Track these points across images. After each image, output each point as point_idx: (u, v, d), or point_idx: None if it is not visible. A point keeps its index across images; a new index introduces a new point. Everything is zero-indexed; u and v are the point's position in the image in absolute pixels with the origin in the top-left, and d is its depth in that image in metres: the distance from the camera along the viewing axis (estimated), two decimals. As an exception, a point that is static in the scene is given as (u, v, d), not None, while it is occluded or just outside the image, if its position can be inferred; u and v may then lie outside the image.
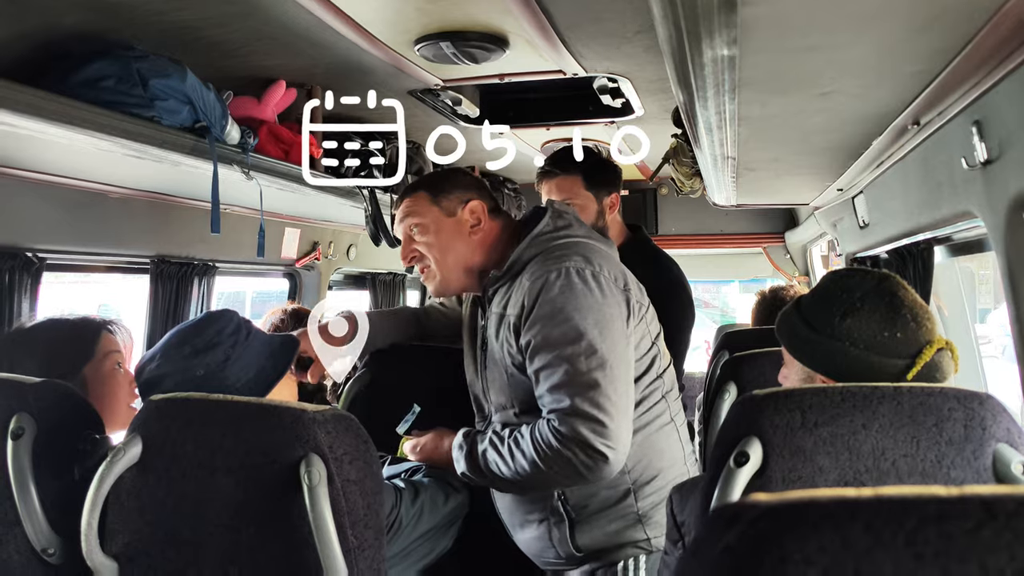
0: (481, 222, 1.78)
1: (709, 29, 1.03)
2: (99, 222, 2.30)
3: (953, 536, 0.43)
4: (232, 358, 1.50)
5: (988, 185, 1.49)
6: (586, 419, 1.53)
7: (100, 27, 1.82)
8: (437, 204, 1.78)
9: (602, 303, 1.61)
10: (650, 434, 1.75)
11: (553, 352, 1.58)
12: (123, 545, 1.32)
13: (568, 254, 1.66)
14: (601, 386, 1.54)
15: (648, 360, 1.76)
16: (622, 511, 1.73)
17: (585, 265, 1.63)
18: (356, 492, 1.26)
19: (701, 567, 0.49)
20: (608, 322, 1.60)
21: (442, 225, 1.77)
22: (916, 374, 1.24)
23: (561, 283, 1.60)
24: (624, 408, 1.57)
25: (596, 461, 1.53)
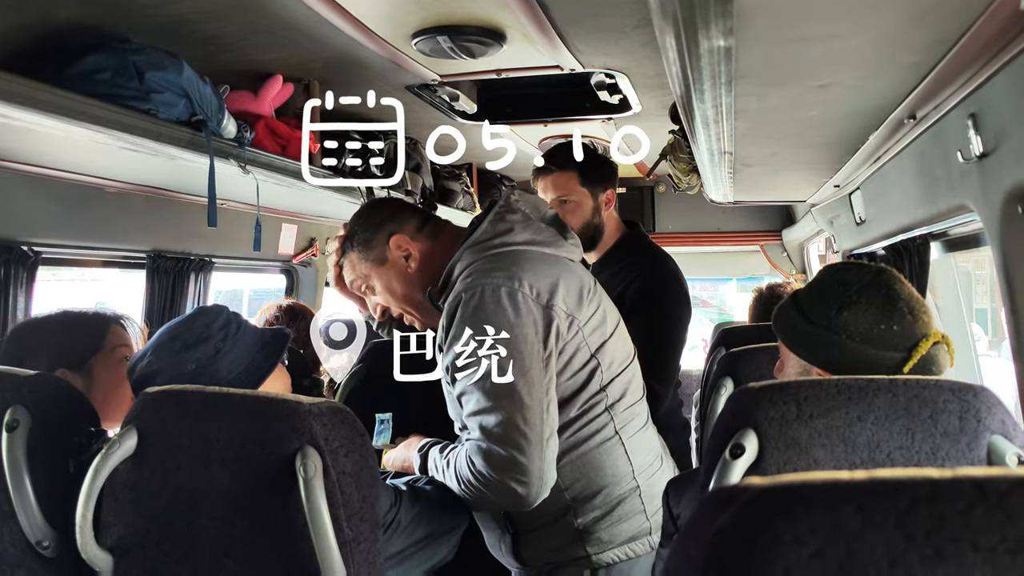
0: (411, 252, 1.72)
1: (705, 19, 1.03)
2: (95, 216, 2.30)
3: (945, 516, 0.43)
4: (223, 351, 1.50)
5: (984, 178, 1.49)
6: (495, 456, 1.51)
7: (96, 20, 1.82)
8: (367, 259, 1.74)
9: (514, 323, 1.54)
10: (587, 451, 1.67)
11: (463, 380, 1.55)
12: (118, 538, 1.32)
13: (492, 269, 1.59)
14: (511, 418, 1.51)
15: (586, 374, 1.67)
16: (563, 527, 1.69)
17: (504, 282, 1.55)
18: (352, 485, 1.26)
19: (694, 548, 0.49)
20: (519, 344, 1.53)
21: (382, 276, 1.74)
22: (913, 367, 1.24)
23: (474, 303, 1.55)
24: (537, 436, 1.52)
25: (508, 495, 1.52)
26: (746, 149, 2.12)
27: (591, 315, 1.67)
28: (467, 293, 1.56)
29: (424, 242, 1.74)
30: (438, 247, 1.74)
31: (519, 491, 1.51)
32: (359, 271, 1.76)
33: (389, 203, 1.88)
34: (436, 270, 1.71)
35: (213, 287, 2.96)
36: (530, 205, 1.75)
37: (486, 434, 1.52)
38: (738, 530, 0.47)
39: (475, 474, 1.54)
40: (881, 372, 1.22)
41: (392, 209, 1.81)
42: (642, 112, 2.88)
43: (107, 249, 2.48)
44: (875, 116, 1.71)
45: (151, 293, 2.63)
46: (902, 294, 1.27)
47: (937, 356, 1.25)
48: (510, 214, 1.71)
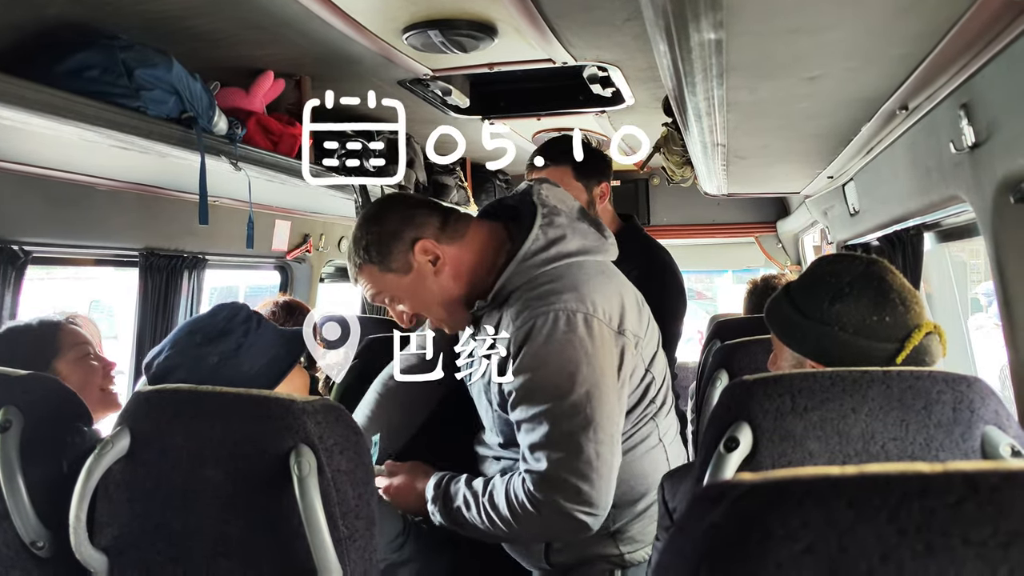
0: (438, 256, 1.59)
1: (695, 12, 1.03)
2: (86, 214, 2.29)
3: (936, 511, 0.43)
4: (245, 345, 1.49)
5: (976, 168, 1.49)
6: (563, 487, 1.46)
7: (85, 17, 1.80)
8: (389, 271, 1.60)
9: (592, 354, 1.47)
10: (633, 460, 1.65)
11: (534, 408, 1.48)
12: (112, 538, 1.31)
13: (559, 289, 1.50)
14: (583, 450, 1.45)
15: (642, 390, 1.64)
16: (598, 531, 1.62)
17: (578, 306, 1.48)
18: (347, 482, 1.26)
19: (686, 544, 0.49)
20: (598, 377, 1.47)
21: (407, 286, 1.60)
22: (905, 358, 1.24)
23: (547, 331, 1.46)
24: (608, 469, 1.48)
25: (573, 526, 1.48)
26: (739, 141, 2.12)
27: (647, 330, 1.63)
28: (540, 319, 1.47)
29: (451, 244, 1.61)
30: (468, 247, 1.62)
31: (586, 521, 1.47)
32: (382, 284, 1.62)
33: (400, 203, 1.68)
34: (472, 274, 1.61)
35: (207, 284, 2.95)
36: (557, 198, 1.65)
37: (555, 466, 1.46)
38: (730, 526, 0.47)
39: (536, 504, 1.47)
40: (874, 363, 1.23)
41: (407, 211, 1.64)
42: (635, 105, 2.88)
43: (99, 247, 2.47)
44: (867, 107, 1.71)
45: (144, 291, 2.62)
46: (894, 285, 1.28)
47: (930, 346, 1.25)
48: (555, 216, 1.60)
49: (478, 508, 1.56)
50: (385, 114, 3.00)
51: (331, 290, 4.86)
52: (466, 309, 1.63)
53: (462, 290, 1.62)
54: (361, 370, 2.34)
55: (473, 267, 1.62)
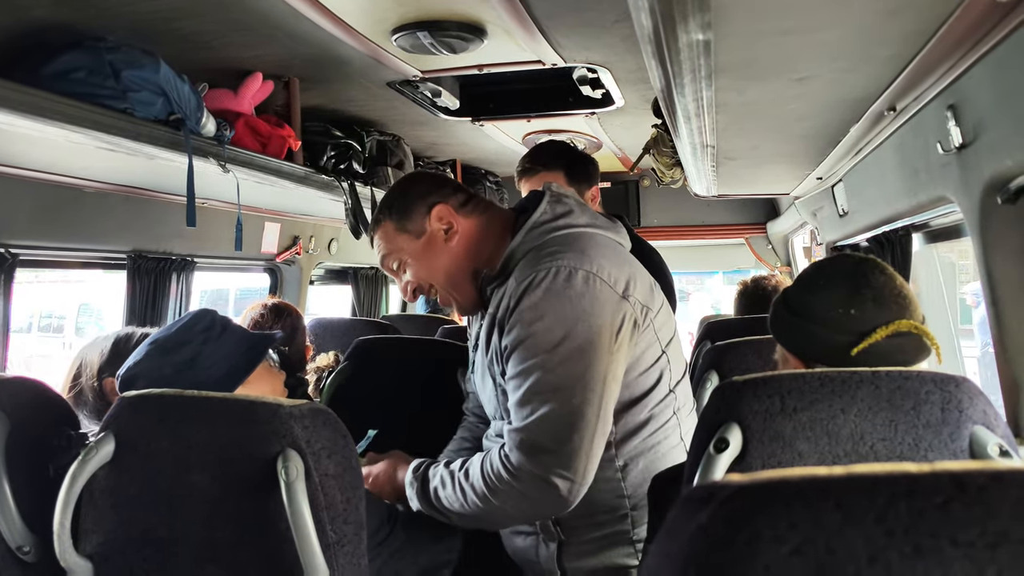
0: (452, 224, 1.61)
1: (683, 12, 1.03)
2: (74, 216, 2.27)
3: (923, 511, 0.43)
4: (202, 355, 1.49)
5: (963, 169, 1.49)
6: (541, 446, 1.40)
7: (71, 18, 1.79)
8: (404, 231, 1.62)
9: (589, 312, 1.43)
10: (656, 458, 1.58)
11: (524, 362, 1.44)
12: (97, 544, 1.30)
13: (563, 250, 1.48)
14: (568, 406, 1.40)
15: (656, 372, 1.57)
16: (617, 537, 1.58)
17: (579, 264, 1.45)
18: (335, 487, 1.25)
19: (674, 547, 0.49)
20: (593, 335, 1.42)
21: (417, 250, 1.62)
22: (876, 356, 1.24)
23: (547, 284, 1.44)
24: (590, 433, 1.42)
25: (549, 494, 1.41)
26: (728, 142, 2.12)
27: (659, 309, 1.59)
28: (540, 273, 1.45)
29: (468, 218, 1.63)
30: (483, 225, 1.64)
31: (561, 489, 1.40)
32: (394, 244, 1.63)
33: (430, 176, 1.75)
34: (483, 250, 1.62)
35: (197, 287, 2.94)
36: (565, 192, 1.67)
37: (536, 424, 1.41)
38: (717, 528, 0.47)
39: (512, 471, 1.42)
40: (833, 355, 1.24)
41: (434, 182, 1.69)
42: (625, 106, 2.88)
43: (87, 250, 2.45)
44: (855, 108, 1.72)
45: (132, 294, 2.60)
46: (872, 282, 1.27)
47: (904, 346, 1.24)
48: (564, 198, 1.62)
49: (454, 486, 1.51)
50: (375, 116, 3.01)
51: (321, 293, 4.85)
52: (472, 284, 1.63)
53: (470, 264, 1.62)
54: (351, 372, 2.33)
55: (483, 243, 1.62)
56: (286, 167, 2.45)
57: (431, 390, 2.19)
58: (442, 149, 3.84)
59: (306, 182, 2.59)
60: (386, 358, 2.36)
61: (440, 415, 2.10)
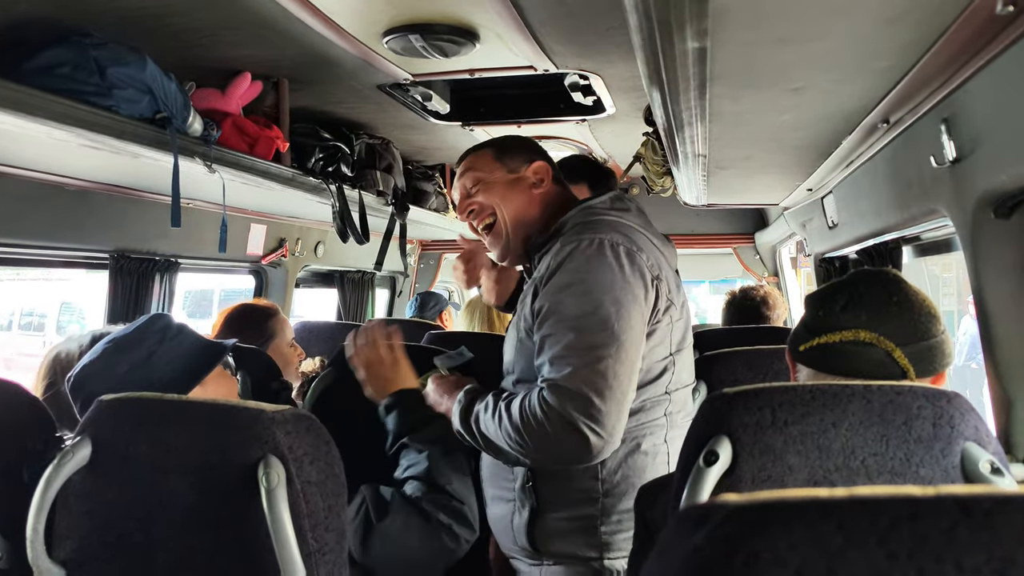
0: (544, 181, 1.78)
1: (680, 20, 1.01)
2: (55, 215, 2.24)
3: (928, 536, 0.42)
4: (157, 354, 1.50)
5: (956, 183, 1.49)
6: (576, 397, 1.45)
7: (56, 12, 1.76)
8: (500, 161, 1.79)
9: (626, 281, 1.53)
10: (636, 452, 1.63)
11: (563, 321, 1.51)
12: (71, 550, 1.27)
13: (610, 229, 1.60)
14: (603, 364, 1.46)
15: (659, 369, 1.65)
16: (585, 522, 1.64)
17: (623, 241, 1.57)
18: (316, 494, 1.22)
19: (669, 568, 0.48)
20: (628, 302, 1.52)
21: (503, 180, 1.77)
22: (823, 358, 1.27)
23: (590, 252, 1.54)
24: (622, 394, 1.48)
25: (579, 443, 1.45)
26: (720, 152, 2.12)
27: (681, 316, 1.69)
28: (584, 241, 1.56)
29: (556, 185, 1.82)
30: (559, 195, 1.81)
31: (590, 438, 1.44)
32: (485, 167, 1.79)
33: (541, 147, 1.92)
34: (548, 209, 1.77)
35: (181, 288, 2.90)
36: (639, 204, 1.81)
37: (572, 374, 1.46)
38: (714, 549, 0.45)
39: (546, 412, 1.46)
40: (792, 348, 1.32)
41: (539, 147, 1.89)
42: (616, 114, 2.87)
43: (68, 249, 2.42)
44: (849, 120, 1.71)
45: (114, 294, 2.57)
46: (856, 289, 1.29)
47: (862, 354, 1.24)
48: (628, 202, 1.76)
49: (494, 412, 1.56)
50: (364, 119, 2.98)
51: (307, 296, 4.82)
52: (525, 245, 1.77)
53: (538, 217, 1.77)
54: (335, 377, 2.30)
55: (556, 209, 1.76)
56: (273, 168, 2.42)
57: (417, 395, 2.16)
58: (432, 153, 3.82)
59: (293, 184, 2.56)
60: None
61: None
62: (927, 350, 1.25)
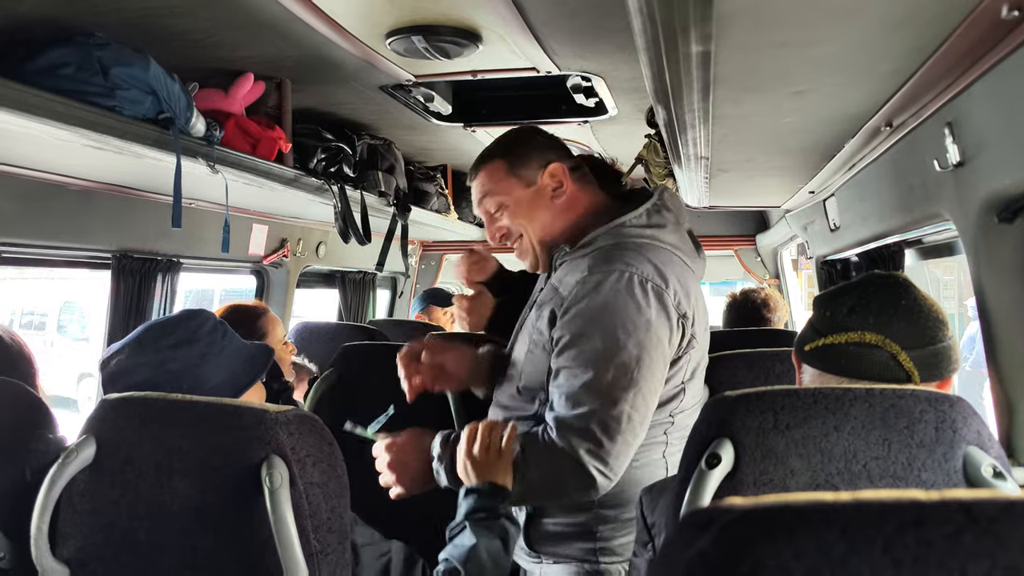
0: (563, 184, 1.65)
1: (684, 24, 1.01)
2: (58, 214, 2.24)
3: (932, 542, 0.42)
4: (209, 355, 1.47)
5: (960, 187, 1.49)
6: (587, 436, 1.44)
7: (59, 13, 1.76)
8: (515, 175, 1.66)
9: (652, 321, 1.48)
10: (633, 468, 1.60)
11: (583, 356, 1.48)
12: (75, 550, 1.27)
13: (640, 257, 1.53)
14: (619, 409, 1.45)
15: (669, 396, 1.61)
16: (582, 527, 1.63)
17: (650, 275, 1.50)
18: (319, 495, 1.23)
19: (673, 572, 0.47)
20: (653, 345, 1.48)
21: (523, 199, 1.65)
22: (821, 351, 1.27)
23: (618, 287, 1.48)
24: (632, 436, 1.48)
25: (583, 481, 1.45)
26: (722, 154, 2.12)
27: (703, 347, 1.65)
28: (614, 274, 1.49)
29: (576, 184, 1.68)
30: (585, 196, 1.69)
31: (596, 479, 1.44)
32: (500, 185, 1.66)
33: (548, 134, 1.77)
34: (579, 217, 1.66)
35: (182, 288, 2.90)
36: (678, 208, 1.71)
37: (586, 415, 1.44)
38: (719, 554, 0.45)
39: (555, 450, 1.45)
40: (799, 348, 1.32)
41: (552, 139, 1.74)
42: (618, 116, 2.87)
43: (70, 249, 2.42)
44: (851, 123, 1.71)
45: (116, 293, 2.57)
46: (864, 292, 1.28)
47: (863, 356, 1.24)
48: (665, 212, 1.65)
49: None
50: (366, 120, 2.99)
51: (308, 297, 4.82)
52: (552, 250, 1.68)
53: (564, 226, 1.66)
54: (337, 378, 2.31)
55: (582, 212, 1.67)
56: (276, 169, 2.42)
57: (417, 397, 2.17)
58: (433, 154, 3.82)
59: (296, 185, 2.57)
60: (372, 364, 2.34)
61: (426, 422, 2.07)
62: (933, 355, 1.25)
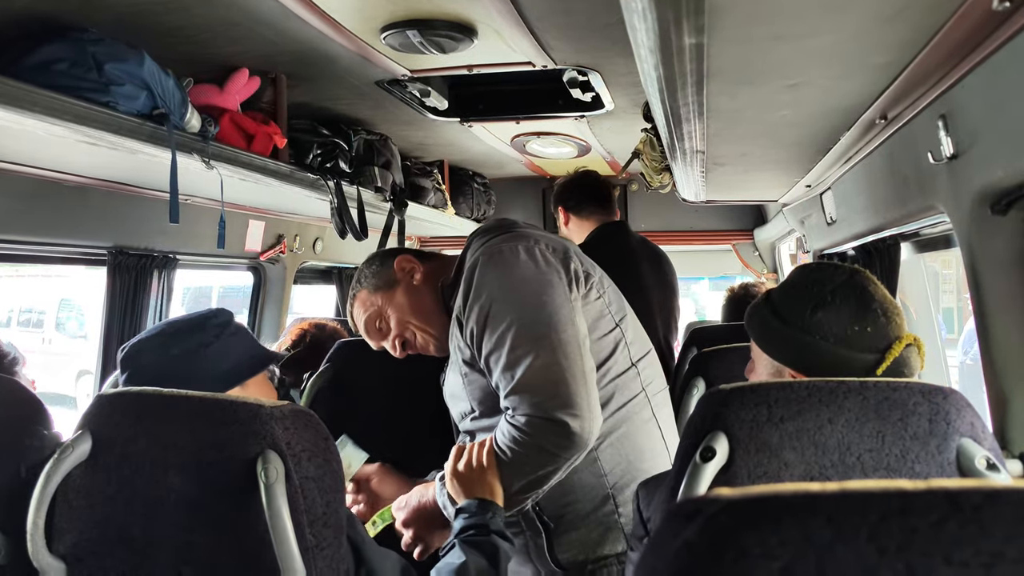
0: (415, 267, 1.82)
1: (677, 15, 1.01)
2: (53, 211, 2.24)
3: (917, 530, 0.42)
4: (211, 346, 1.49)
5: (953, 179, 1.49)
6: (539, 390, 1.46)
7: (53, 9, 1.76)
8: (377, 289, 1.82)
9: (536, 271, 1.57)
10: (628, 433, 1.64)
11: (495, 333, 1.53)
12: (71, 545, 1.27)
13: (505, 239, 1.64)
14: (550, 351, 1.48)
15: (611, 342, 1.66)
16: (602, 519, 1.62)
17: (521, 242, 1.61)
18: (315, 489, 1.23)
19: (660, 562, 0.48)
20: (546, 289, 1.55)
21: (392, 299, 1.80)
22: (885, 369, 1.24)
23: (493, 261, 1.59)
24: (579, 370, 1.49)
25: (559, 434, 1.45)
26: (718, 148, 2.11)
27: (606, 286, 1.71)
28: (484, 256, 1.60)
29: (427, 262, 1.86)
30: (442, 264, 1.86)
31: (572, 425, 1.44)
32: (371, 303, 1.82)
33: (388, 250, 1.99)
34: (439, 278, 1.80)
35: (179, 284, 2.91)
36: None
37: (527, 379, 1.48)
38: (705, 543, 0.46)
39: (520, 426, 1.46)
40: (854, 374, 1.22)
41: (394, 248, 1.99)
42: (615, 110, 2.87)
43: (65, 245, 2.42)
44: (846, 116, 1.71)
45: (113, 290, 2.57)
46: (876, 295, 1.27)
47: (909, 359, 1.25)
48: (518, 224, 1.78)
49: None
50: (362, 115, 2.98)
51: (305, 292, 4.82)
52: (444, 313, 1.77)
53: (437, 294, 1.80)
54: (332, 374, 2.31)
55: (443, 274, 1.81)
56: (271, 164, 2.42)
57: (412, 395, 2.17)
58: (430, 149, 3.82)
59: (291, 180, 2.56)
60: (368, 361, 2.34)
61: (421, 420, 2.08)
62: None
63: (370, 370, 2.24)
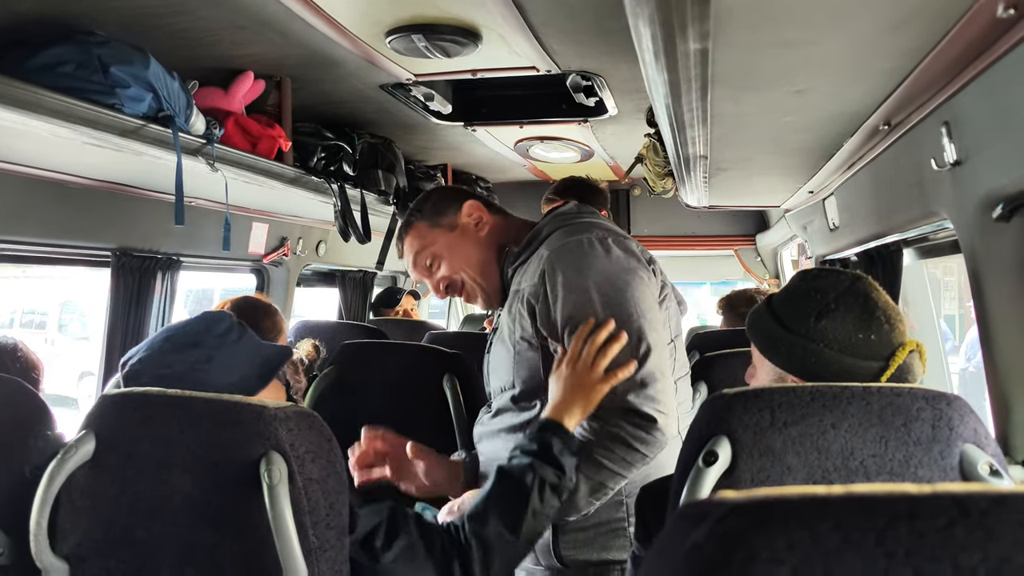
0: (482, 217, 1.73)
1: (682, 21, 1.02)
2: (58, 212, 2.24)
3: (925, 534, 0.42)
4: (215, 359, 1.44)
5: (957, 186, 1.49)
6: (628, 384, 1.44)
7: (60, 11, 1.77)
8: (437, 226, 1.72)
9: (628, 268, 1.53)
10: None
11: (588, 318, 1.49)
12: (75, 545, 1.27)
13: (590, 227, 1.60)
14: (641, 343, 1.46)
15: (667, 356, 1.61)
16: (612, 524, 1.60)
17: (607, 234, 1.56)
18: (318, 491, 1.23)
19: (667, 565, 0.48)
20: (638, 285, 1.52)
21: (452, 242, 1.72)
22: (889, 376, 1.24)
23: (584, 250, 1.53)
24: (665, 370, 1.48)
25: (647, 429, 1.43)
26: (721, 153, 2.12)
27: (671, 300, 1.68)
28: (573, 242, 1.55)
29: (495, 216, 1.77)
30: (508, 223, 1.77)
31: (658, 420, 1.43)
32: (427, 239, 1.73)
33: (456, 187, 1.92)
34: (509, 238, 1.72)
35: (182, 286, 2.90)
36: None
37: None
38: (712, 546, 0.46)
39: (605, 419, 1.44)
40: (858, 381, 1.21)
41: (462, 189, 1.86)
42: (618, 115, 2.88)
43: (70, 246, 2.42)
44: (850, 122, 1.71)
45: (116, 291, 2.57)
46: (879, 302, 1.27)
47: (912, 365, 1.25)
48: (592, 209, 1.75)
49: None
50: (366, 118, 2.99)
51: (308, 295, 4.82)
52: (499, 272, 1.72)
53: (498, 255, 1.73)
54: (336, 376, 2.31)
55: (509, 233, 1.74)
56: (276, 167, 2.43)
57: (416, 395, 2.18)
58: (434, 154, 3.82)
59: (296, 183, 2.57)
60: (372, 363, 2.35)
61: (425, 421, 2.08)
62: None
63: (374, 371, 2.24)
